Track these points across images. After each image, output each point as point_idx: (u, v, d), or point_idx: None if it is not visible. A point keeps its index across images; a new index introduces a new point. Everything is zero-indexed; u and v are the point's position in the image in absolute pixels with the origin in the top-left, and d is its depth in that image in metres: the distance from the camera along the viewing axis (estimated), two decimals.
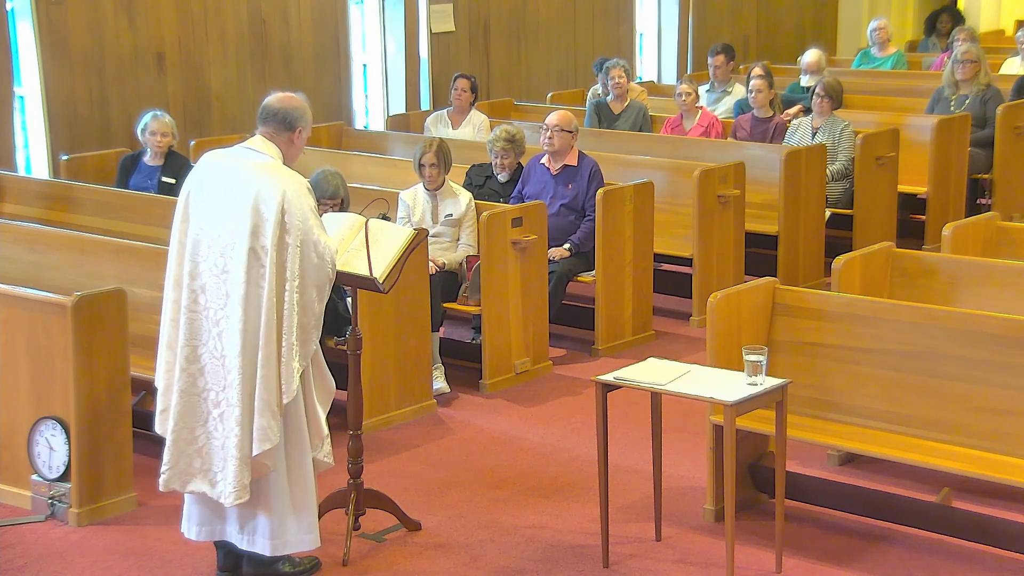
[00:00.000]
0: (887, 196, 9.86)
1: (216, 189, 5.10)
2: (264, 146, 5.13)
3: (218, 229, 5.04)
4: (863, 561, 5.56)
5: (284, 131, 5.15)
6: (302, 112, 5.19)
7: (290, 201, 4.94)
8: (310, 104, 5.34)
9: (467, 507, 6.17)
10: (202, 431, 5.13)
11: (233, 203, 5.02)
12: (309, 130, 5.26)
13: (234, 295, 5.00)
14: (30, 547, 5.82)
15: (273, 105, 5.17)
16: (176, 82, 10.61)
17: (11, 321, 6.17)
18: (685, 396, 5.30)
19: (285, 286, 4.95)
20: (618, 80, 10.86)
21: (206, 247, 5.07)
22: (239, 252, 4.98)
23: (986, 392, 5.52)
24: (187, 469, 5.17)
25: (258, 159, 5.10)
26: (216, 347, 5.06)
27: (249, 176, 5.04)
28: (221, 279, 5.03)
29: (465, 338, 8.41)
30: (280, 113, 5.15)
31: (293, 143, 5.18)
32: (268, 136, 5.16)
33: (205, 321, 5.08)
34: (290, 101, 5.19)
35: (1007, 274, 6.47)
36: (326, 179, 7.21)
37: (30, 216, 8.76)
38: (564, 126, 8.38)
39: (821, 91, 9.82)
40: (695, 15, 15.10)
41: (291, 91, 5.35)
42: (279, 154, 5.13)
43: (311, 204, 5.03)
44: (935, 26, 15.40)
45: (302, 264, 4.97)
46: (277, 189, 4.95)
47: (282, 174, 5.04)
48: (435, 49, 12.47)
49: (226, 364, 5.05)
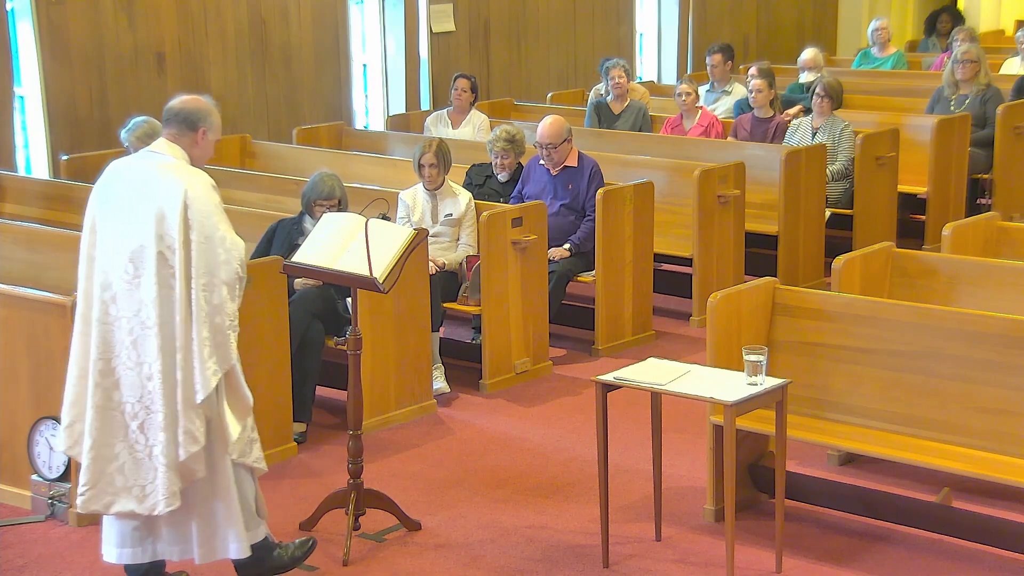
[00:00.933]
0: (887, 196, 9.86)
1: (120, 196, 5.01)
2: (167, 148, 5.06)
3: (125, 235, 4.95)
4: (863, 561, 5.56)
5: (187, 132, 5.06)
6: (206, 113, 5.11)
7: (192, 198, 4.87)
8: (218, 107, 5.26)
9: (467, 507, 6.17)
10: (122, 446, 4.97)
11: (138, 208, 4.93)
12: (216, 132, 5.14)
13: (147, 299, 4.89)
14: (30, 547, 5.82)
15: (175, 107, 5.10)
16: (176, 82, 10.60)
17: (11, 321, 6.17)
18: (685, 396, 5.30)
19: (192, 284, 4.86)
20: (618, 80, 10.86)
21: (114, 254, 4.97)
22: (148, 255, 4.89)
23: (986, 392, 5.52)
24: (108, 489, 4.98)
25: (160, 160, 5.02)
26: (131, 356, 4.93)
27: (151, 179, 4.97)
28: (132, 285, 4.93)
29: (465, 338, 8.41)
30: (182, 114, 5.07)
31: (197, 144, 5.09)
32: (172, 138, 5.08)
33: (118, 331, 4.95)
34: (193, 103, 5.12)
35: (1007, 274, 6.47)
36: (322, 180, 7.20)
37: (30, 216, 8.76)
38: (555, 140, 8.30)
39: (821, 91, 9.82)
40: (695, 15, 15.10)
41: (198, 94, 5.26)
42: (184, 155, 5.05)
43: (215, 200, 4.93)
44: (935, 26, 15.40)
45: (208, 261, 4.87)
46: (179, 188, 4.88)
47: (184, 173, 4.96)
48: (435, 49, 12.47)
49: (144, 371, 4.92)
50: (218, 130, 5.17)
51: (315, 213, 7.16)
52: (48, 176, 9.78)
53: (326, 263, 5.56)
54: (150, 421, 4.93)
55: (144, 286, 4.90)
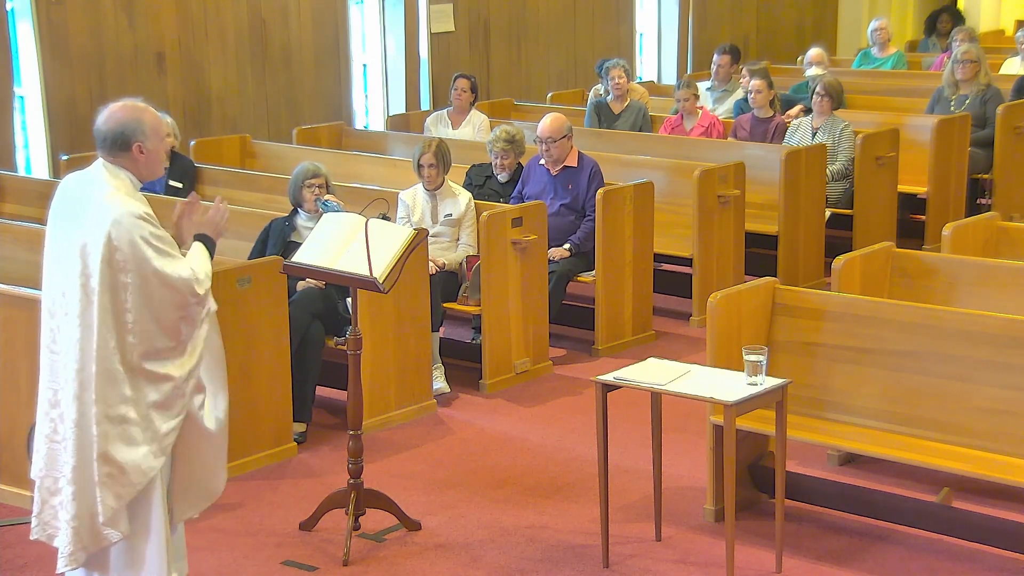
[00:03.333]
0: (887, 196, 9.86)
1: (61, 220, 4.62)
2: (102, 173, 4.58)
3: (59, 264, 4.57)
4: (863, 561, 5.56)
5: (121, 151, 4.56)
6: (134, 124, 4.55)
7: (118, 238, 4.43)
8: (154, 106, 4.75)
9: (467, 507, 6.17)
10: (65, 481, 4.58)
11: (69, 238, 4.53)
12: (154, 137, 4.61)
13: (71, 339, 4.52)
14: (30, 547, 5.81)
15: (100, 128, 4.57)
16: (176, 82, 10.61)
17: (11, 321, 6.17)
18: (685, 396, 5.30)
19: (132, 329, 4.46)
20: (618, 80, 10.86)
21: (50, 284, 4.61)
22: (73, 293, 4.50)
23: (986, 392, 5.52)
24: (52, 522, 4.65)
25: (98, 190, 4.55)
26: (60, 395, 4.57)
27: (84, 210, 4.53)
28: (66, 320, 4.54)
29: (465, 338, 8.41)
30: (109, 135, 4.56)
31: (136, 160, 4.57)
32: (109, 160, 4.59)
33: (62, 365, 4.58)
34: (116, 116, 4.57)
35: (1007, 274, 6.47)
36: (303, 165, 7.26)
37: (30, 216, 8.75)
38: (556, 135, 8.32)
39: (821, 90, 9.82)
40: (695, 15, 15.10)
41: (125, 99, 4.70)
42: (122, 179, 4.58)
43: (146, 232, 4.46)
44: (935, 26, 15.40)
45: (147, 300, 4.47)
46: (104, 226, 4.44)
47: (114, 207, 4.48)
48: (435, 49, 12.48)
49: (65, 413, 4.55)
50: (156, 133, 4.62)
51: (304, 199, 7.18)
52: (48, 176, 9.78)
53: (326, 263, 5.56)
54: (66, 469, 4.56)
55: (70, 326, 4.52)
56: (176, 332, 4.57)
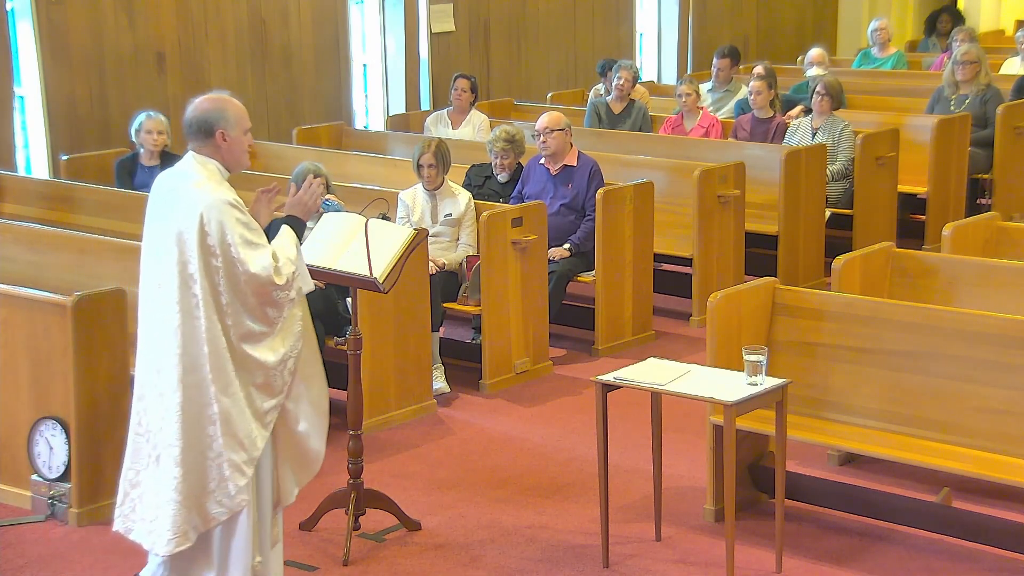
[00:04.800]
0: (887, 196, 9.86)
1: (157, 217, 4.78)
2: (192, 163, 4.76)
3: (153, 257, 4.74)
4: (863, 561, 5.56)
5: (205, 139, 4.73)
6: (217, 113, 4.73)
7: (208, 222, 4.60)
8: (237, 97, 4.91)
9: (467, 507, 6.17)
10: (146, 475, 4.75)
11: (162, 229, 4.71)
12: (238, 126, 4.75)
13: (171, 326, 4.65)
14: (30, 547, 5.82)
15: (187, 117, 4.77)
16: (176, 82, 10.60)
17: (11, 321, 6.17)
18: (685, 396, 5.30)
19: (226, 311, 4.63)
20: (623, 81, 10.87)
21: (146, 277, 4.78)
22: (171, 282, 4.65)
23: (986, 392, 5.52)
24: (130, 515, 4.80)
25: (188, 179, 4.73)
26: (157, 384, 4.71)
27: (175, 199, 4.72)
28: (161, 311, 4.69)
29: (465, 338, 8.41)
30: (193, 123, 4.74)
31: (220, 147, 4.74)
32: (196, 150, 4.77)
33: (150, 355, 4.75)
34: (202, 106, 4.76)
35: (1007, 274, 6.47)
36: (303, 167, 7.25)
37: (30, 216, 8.76)
38: (554, 126, 8.35)
39: (822, 90, 9.82)
40: (695, 15, 15.10)
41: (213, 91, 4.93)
42: (210, 168, 4.74)
43: (233, 218, 4.62)
44: (935, 26, 15.40)
45: (235, 284, 4.63)
46: (196, 211, 4.61)
47: (205, 193, 4.65)
48: (435, 49, 12.47)
49: (164, 402, 4.69)
50: (240, 122, 4.78)
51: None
52: (48, 176, 9.78)
53: (326, 263, 5.56)
54: (167, 455, 4.69)
55: (169, 312, 4.67)
56: (264, 316, 4.71)
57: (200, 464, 4.67)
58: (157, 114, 9.03)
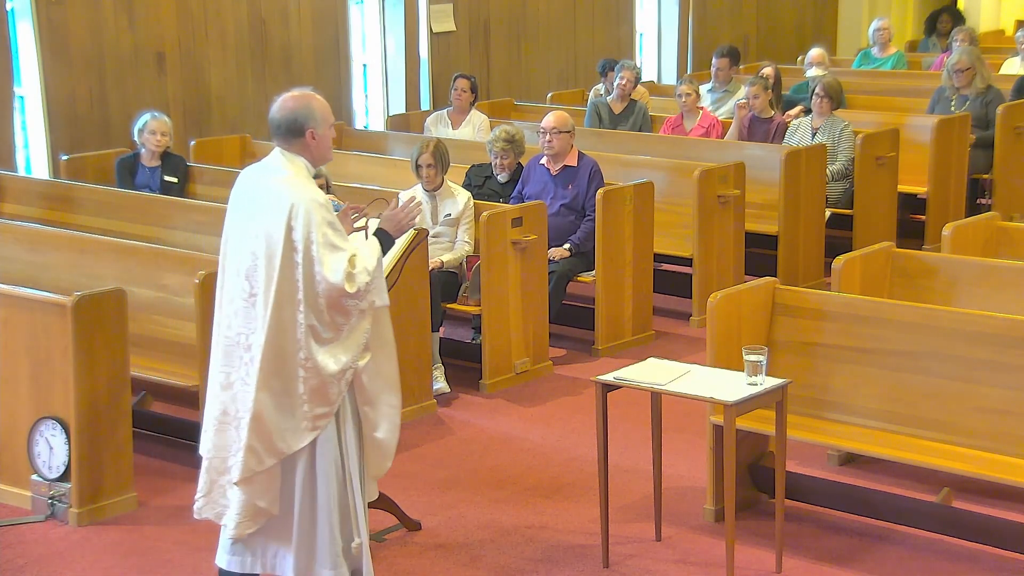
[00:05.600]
0: (887, 196, 9.86)
1: (242, 210, 4.87)
2: (279, 160, 4.84)
3: (241, 251, 4.82)
4: (863, 561, 5.56)
5: (294, 138, 4.82)
6: (306, 112, 4.81)
7: (295, 218, 4.67)
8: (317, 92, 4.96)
9: (467, 507, 6.17)
10: (234, 460, 4.84)
11: (251, 224, 4.79)
12: (324, 123, 4.84)
13: (258, 321, 4.75)
14: (30, 547, 5.82)
15: (275, 117, 4.86)
16: (176, 82, 10.60)
17: (11, 321, 6.17)
18: (685, 396, 5.30)
19: (302, 307, 4.70)
20: (625, 81, 10.87)
21: (234, 272, 4.84)
22: (259, 275, 4.74)
23: (986, 392, 5.52)
24: (220, 500, 4.91)
25: (275, 176, 4.82)
26: (247, 374, 4.79)
27: (264, 194, 4.80)
28: (249, 303, 4.77)
29: (465, 338, 8.41)
30: (283, 123, 4.82)
31: (309, 146, 4.82)
32: (284, 147, 4.85)
33: (237, 347, 4.82)
34: (289, 105, 4.84)
35: (1007, 274, 6.47)
36: None
37: (30, 216, 8.76)
38: (561, 127, 8.37)
39: (821, 91, 9.82)
40: (695, 15, 15.10)
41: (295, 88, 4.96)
42: (298, 164, 4.82)
43: (320, 219, 4.70)
44: (935, 26, 15.40)
45: (309, 283, 4.70)
46: (284, 207, 4.70)
47: (294, 190, 4.73)
48: (435, 49, 12.47)
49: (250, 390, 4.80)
50: (326, 118, 4.85)
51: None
52: (48, 176, 9.78)
53: None
54: None
55: (257, 306, 4.75)
56: (331, 321, 4.74)
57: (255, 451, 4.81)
58: (161, 115, 9.03)
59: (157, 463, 6.69)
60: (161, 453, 6.81)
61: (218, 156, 10.00)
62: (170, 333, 6.76)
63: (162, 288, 6.82)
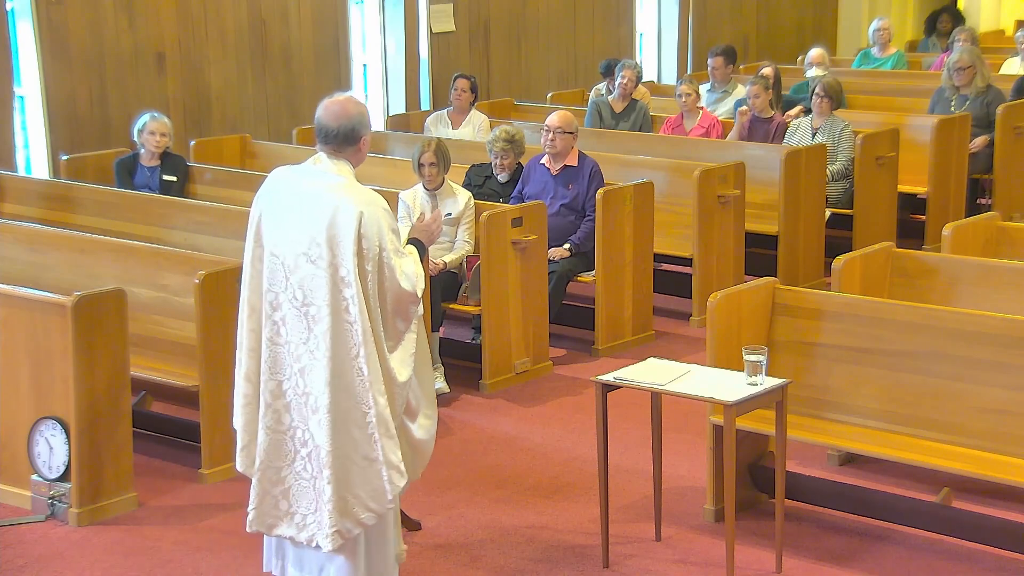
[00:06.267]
0: (887, 196, 9.86)
1: (290, 213, 4.75)
2: (333, 166, 4.79)
3: (294, 259, 4.71)
4: (863, 561, 5.56)
5: (349, 146, 4.80)
6: (360, 120, 4.81)
7: (366, 225, 4.63)
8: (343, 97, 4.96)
9: (467, 507, 6.17)
10: (289, 471, 4.81)
11: (308, 231, 4.68)
12: (370, 129, 4.89)
13: (318, 330, 4.67)
14: (30, 547, 5.82)
15: (330, 125, 4.78)
16: (176, 82, 10.60)
17: (11, 321, 6.17)
18: (685, 396, 5.30)
19: (373, 316, 4.67)
20: (626, 80, 10.88)
21: (283, 278, 4.73)
22: (320, 284, 4.66)
23: (986, 392, 5.52)
24: (272, 512, 4.86)
25: (331, 181, 4.75)
26: (299, 383, 4.73)
27: (323, 201, 4.70)
28: (301, 312, 4.69)
29: (465, 338, 8.41)
30: (341, 132, 4.77)
31: (360, 151, 4.85)
32: (333, 153, 4.80)
33: (287, 356, 4.74)
34: (344, 114, 4.79)
35: (1007, 274, 6.47)
36: None
37: (30, 216, 8.77)
38: (565, 128, 8.38)
39: (821, 91, 9.82)
40: (695, 15, 15.10)
41: (337, 94, 4.95)
42: (347, 170, 4.79)
43: (386, 226, 4.70)
44: (935, 26, 15.40)
45: (381, 290, 4.68)
46: (352, 214, 4.63)
47: (357, 196, 4.70)
48: (435, 49, 12.47)
49: (310, 402, 4.73)
50: (370, 123, 4.92)
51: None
52: (48, 176, 9.78)
53: None
54: (316, 453, 4.75)
55: (315, 315, 4.68)
56: (393, 327, 4.77)
57: (347, 467, 4.74)
58: (161, 116, 9.03)
59: (157, 463, 6.69)
60: (161, 453, 6.81)
61: (218, 156, 10.01)
62: (170, 333, 6.77)
63: (162, 288, 6.83)
